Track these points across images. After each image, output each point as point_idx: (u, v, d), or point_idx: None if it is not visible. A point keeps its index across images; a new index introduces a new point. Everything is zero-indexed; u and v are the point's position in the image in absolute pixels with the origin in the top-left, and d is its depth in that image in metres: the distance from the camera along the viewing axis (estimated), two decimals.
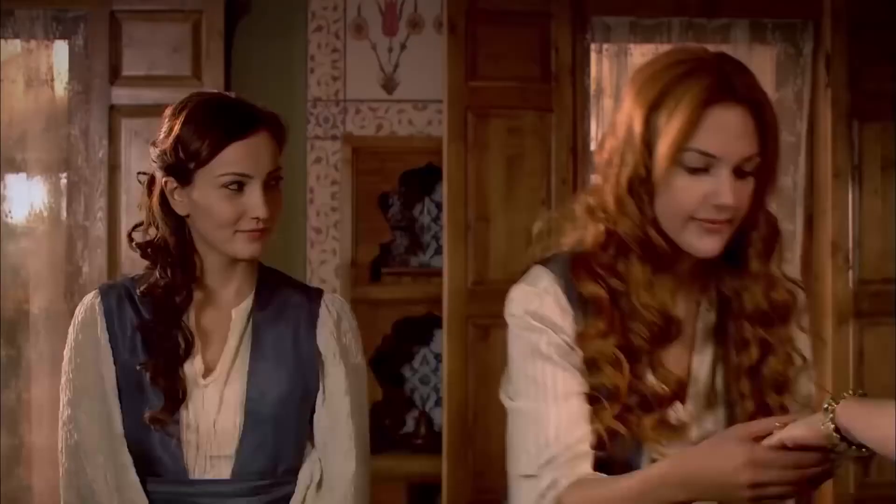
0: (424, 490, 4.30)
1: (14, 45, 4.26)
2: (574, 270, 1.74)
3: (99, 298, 2.05)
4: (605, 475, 1.68)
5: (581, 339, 1.72)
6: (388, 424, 4.53)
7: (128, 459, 1.99)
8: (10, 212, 4.30)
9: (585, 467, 1.69)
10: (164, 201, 2.02)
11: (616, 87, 4.33)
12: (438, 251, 4.50)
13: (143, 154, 4.13)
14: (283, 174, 2.02)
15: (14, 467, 4.22)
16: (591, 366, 1.71)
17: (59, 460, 2.03)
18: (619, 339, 1.70)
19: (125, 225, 4.17)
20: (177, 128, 1.96)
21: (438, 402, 4.51)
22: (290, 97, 4.41)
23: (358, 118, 4.47)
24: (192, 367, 2.01)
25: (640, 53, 4.38)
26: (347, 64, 4.47)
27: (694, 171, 1.65)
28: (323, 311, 2.09)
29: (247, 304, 2.07)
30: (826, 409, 1.48)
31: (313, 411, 2.08)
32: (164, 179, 2.00)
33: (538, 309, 1.74)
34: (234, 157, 1.95)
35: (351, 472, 2.06)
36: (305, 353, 2.06)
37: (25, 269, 4.26)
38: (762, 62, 4.41)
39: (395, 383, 4.56)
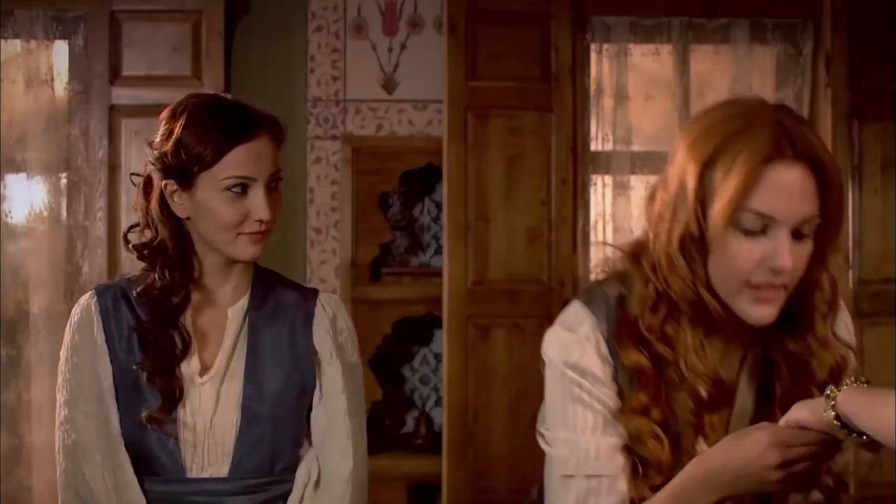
0: (424, 490, 4.30)
1: (14, 45, 4.26)
2: (617, 336, 1.67)
3: (95, 299, 2.05)
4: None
5: (622, 412, 1.67)
6: (388, 424, 4.53)
7: (125, 459, 2.00)
8: (10, 212, 4.30)
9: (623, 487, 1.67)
10: (163, 203, 2.01)
11: (616, 87, 4.34)
12: (438, 251, 4.50)
13: (142, 154, 4.13)
14: (283, 175, 2.03)
15: (14, 467, 4.21)
16: (633, 437, 1.67)
17: (56, 461, 2.03)
18: (662, 412, 1.64)
19: (125, 225, 4.10)
20: (177, 131, 1.96)
21: (438, 402, 4.51)
22: (290, 97, 4.41)
23: (358, 118, 4.47)
24: (189, 367, 2.02)
25: (640, 53, 4.38)
26: (347, 64, 4.47)
27: (750, 232, 1.57)
28: (319, 310, 2.10)
29: (243, 303, 2.07)
30: (828, 396, 1.48)
31: (310, 410, 2.08)
32: (164, 182, 2.00)
33: (578, 361, 1.69)
34: (237, 161, 1.95)
35: (348, 470, 2.06)
36: (302, 352, 2.07)
37: (25, 269, 4.26)
38: (762, 62, 4.41)
39: (395, 383, 4.56)
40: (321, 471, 2.07)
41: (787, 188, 1.56)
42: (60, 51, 4.29)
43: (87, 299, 2.06)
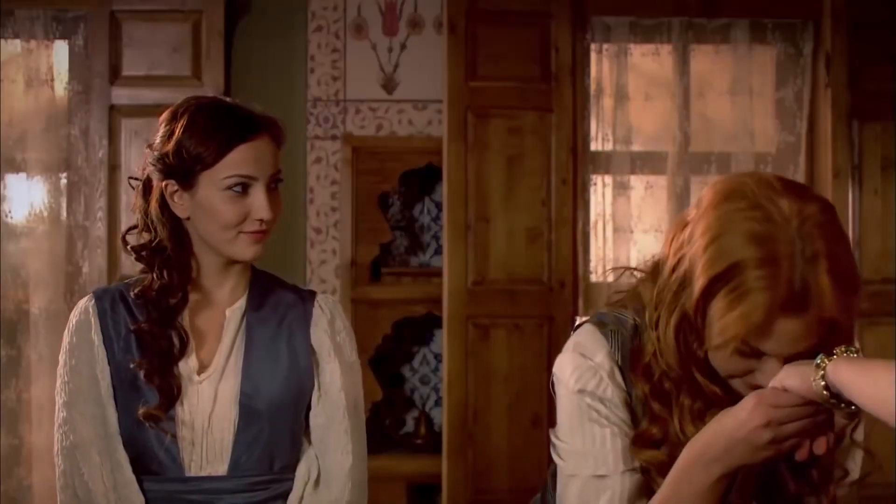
0: (424, 490, 4.30)
1: (14, 45, 4.27)
2: (633, 368, 1.69)
3: (93, 302, 2.06)
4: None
5: (634, 443, 1.68)
6: (388, 424, 4.53)
7: (124, 458, 2.00)
8: (10, 212, 4.30)
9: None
10: (162, 204, 2.02)
11: (616, 87, 4.34)
12: (438, 251, 4.50)
13: (142, 154, 4.13)
14: (283, 176, 2.05)
15: (14, 467, 4.22)
16: (643, 469, 1.69)
17: (54, 462, 2.04)
18: (672, 448, 1.66)
19: (125, 225, 4.11)
20: (178, 131, 1.98)
21: (438, 402, 4.51)
22: (290, 97, 4.41)
23: (358, 118, 4.47)
24: (187, 365, 2.02)
25: (640, 53, 4.38)
26: (347, 64, 4.47)
27: (743, 354, 1.57)
28: (316, 310, 2.11)
29: (241, 303, 2.08)
30: (818, 366, 1.49)
31: (309, 409, 2.09)
32: (164, 182, 2.01)
33: (594, 390, 1.70)
34: (238, 160, 1.97)
35: (347, 468, 2.07)
36: (300, 351, 2.07)
37: (25, 269, 4.26)
38: (762, 62, 4.41)
39: (395, 383, 4.56)
40: (320, 469, 2.08)
41: (790, 336, 1.54)
42: (60, 51, 4.30)
43: (84, 302, 2.08)
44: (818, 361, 1.49)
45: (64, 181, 4.28)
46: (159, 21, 4.24)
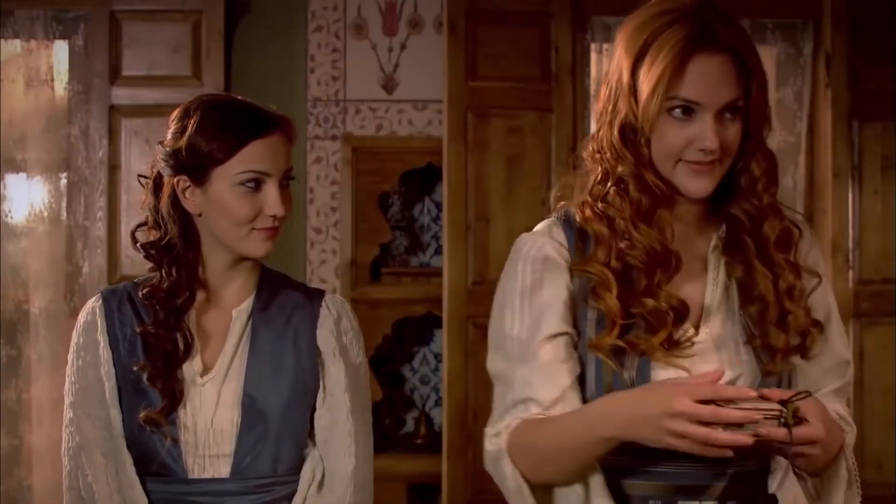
0: (424, 490, 4.30)
1: (14, 45, 4.27)
2: (581, 211, 1.81)
3: (101, 302, 2.06)
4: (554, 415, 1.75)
5: (580, 265, 1.78)
6: (388, 424, 4.53)
7: (128, 460, 2.00)
8: (10, 212, 4.30)
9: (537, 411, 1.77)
10: (174, 201, 2.02)
11: None
12: (438, 251, 4.51)
13: (143, 154, 4.14)
14: (294, 174, 2.05)
15: (14, 467, 4.22)
16: (593, 293, 1.76)
17: (62, 462, 2.05)
18: (618, 266, 1.76)
19: (125, 225, 4.18)
20: (191, 127, 1.98)
21: (438, 402, 4.51)
22: (290, 97, 4.41)
23: (358, 118, 4.47)
24: (191, 367, 2.02)
25: None
26: (347, 64, 4.47)
27: (678, 117, 1.72)
28: (324, 310, 2.10)
29: (247, 304, 2.07)
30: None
31: (314, 410, 2.08)
32: (175, 179, 2.01)
33: (539, 249, 1.82)
34: (252, 155, 1.97)
35: (350, 470, 2.06)
36: (305, 352, 2.07)
37: (25, 269, 4.26)
38: (762, 62, 4.41)
39: (395, 383, 4.56)
40: (324, 471, 2.07)
41: (709, 76, 1.70)
42: (60, 51, 4.30)
43: (92, 303, 2.07)
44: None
45: (64, 181, 4.28)
46: (159, 21, 4.24)
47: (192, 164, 1.98)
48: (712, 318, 1.79)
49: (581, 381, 1.78)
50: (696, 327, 1.77)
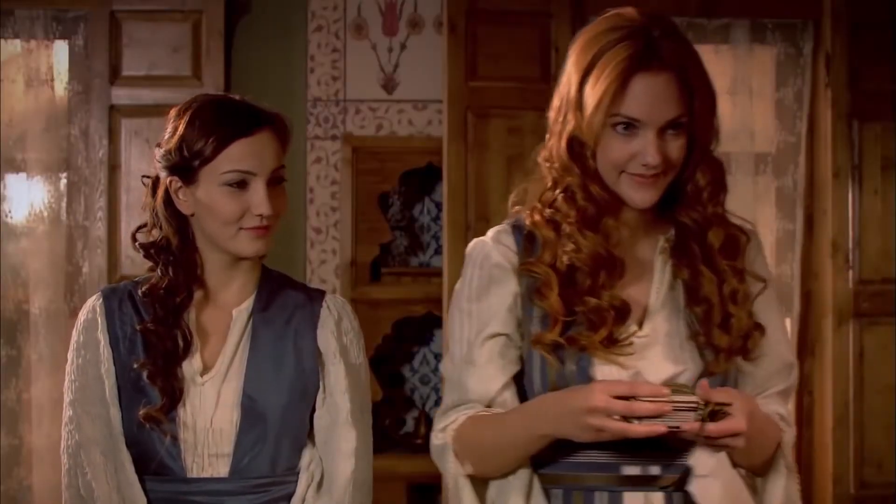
0: (424, 490, 4.30)
1: (14, 45, 4.26)
2: (531, 216, 1.89)
3: (101, 300, 2.07)
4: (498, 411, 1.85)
5: (527, 266, 1.86)
6: (388, 424, 4.53)
7: (127, 458, 2.00)
8: (10, 212, 4.30)
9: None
10: (168, 201, 2.03)
11: None
12: (438, 251, 4.51)
13: (143, 154, 4.14)
14: (285, 173, 2.04)
15: (14, 467, 4.22)
16: (537, 292, 1.84)
17: (61, 460, 2.05)
18: (563, 268, 1.83)
19: (125, 225, 4.18)
20: (181, 127, 1.99)
21: (438, 402, 4.51)
22: (290, 97, 4.41)
23: (358, 118, 4.47)
24: (191, 366, 2.03)
25: None
26: (347, 64, 4.47)
27: (622, 132, 1.77)
28: (324, 311, 2.10)
29: (248, 303, 2.08)
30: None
31: (314, 411, 2.08)
32: (168, 179, 2.02)
33: (486, 256, 1.90)
34: (237, 155, 1.97)
35: (349, 471, 2.06)
36: (306, 353, 2.07)
37: (25, 269, 4.26)
38: (762, 62, 4.41)
39: (395, 383, 4.56)
40: (324, 472, 2.07)
41: (651, 95, 1.75)
42: (60, 51, 4.30)
43: (93, 301, 2.08)
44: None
45: (64, 181, 4.28)
46: (159, 21, 4.24)
47: (182, 164, 1.98)
48: (656, 316, 1.86)
49: (528, 378, 1.87)
50: (641, 325, 1.85)
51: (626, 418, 1.67)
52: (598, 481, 1.83)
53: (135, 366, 2.00)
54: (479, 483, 1.87)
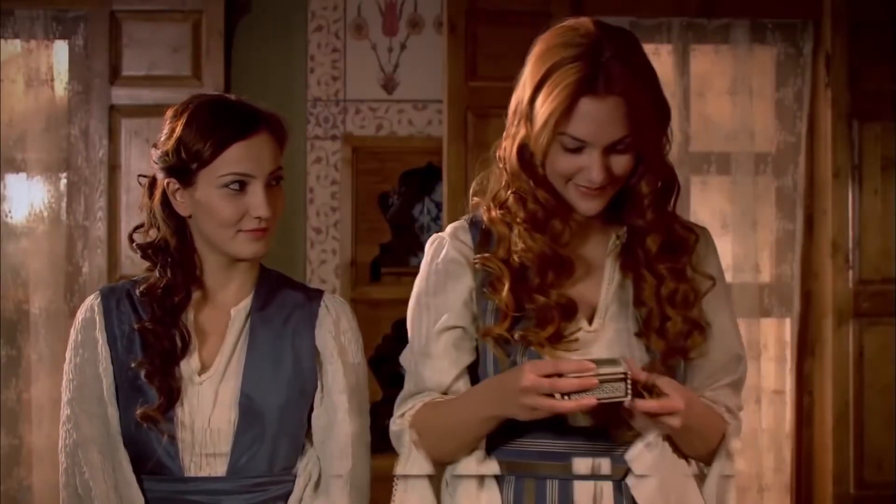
0: None
1: (14, 45, 4.27)
2: (487, 212, 1.94)
3: (99, 300, 2.06)
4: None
5: (481, 260, 1.91)
6: (388, 424, 4.52)
7: (124, 458, 2.01)
8: (10, 212, 4.30)
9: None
10: (165, 202, 2.03)
11: None
12: None
13: (143, 154, 4.14)
14: (283, 174, 2.04)
15: (14, 467, 4.22)
16: (490, 286, 1.90)
17: (59, 459, 2.05)
18: (516, 264, 1.89)
19: (125, 225, 4.18)
20: (178, 129, 1.98)
21: None
22: (290, 97, 4.41)
23: (358, 118, 4.47)
24: (189, 366, 2.02)
25: None
26: (347, 64, 4.47)
27: (569, 149, 1.82)
28: (322, 310, 2.10)
29: (246, 303, 2.08)
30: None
31: (311, 410, 2.08)
32: (165, 180, 2.01)
33: (443, 252, 1.96)
34: (235, 157, 1.96)
35: (346, 471, 2.06)
36: (303, 352, 2.07)
37: (25, 269, 4.26)
38: (762, 62, 4.41)
39: (395, 383, 4.54)
40: (322, 471, 2.07)
41: (595, 118, 1.79)
42: (60, 51, 4.30)
43: (91, 300, 2.08)
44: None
45: (64, 181, 4.28)
46: (159, 21, 4.24)
47: (180, 166, 1.98)
48: (605, 313, 1.92)
49: (482, 369, 1.94)
50: (591, 321, 1.91)
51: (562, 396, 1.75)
52: (549, 470, 1.89)
53: (132, 365, 2.00)
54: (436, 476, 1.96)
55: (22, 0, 4.19)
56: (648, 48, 4.32)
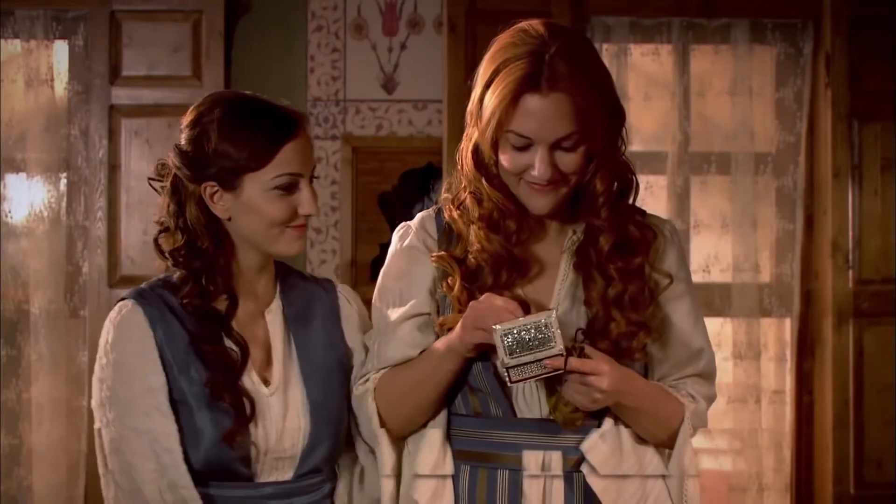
0: None
1: (14, 45, 4.27)
2: (448, 210, 1.99)
3: (140, 310, 1.98)
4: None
5: (437, 258, 1.96)
6: None
7: (184, 474, 1.93)
8: (10, 212, 4.30)
9: None
10: (201, 206, 1.98)
11: (616, 87, 4.33)
12: None
13: (143, 154, 4.14)
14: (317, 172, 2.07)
15: (14, 467, 4.22)
16: (445, 282, 1.96)
17: (102, 482, 1.98)
18: (472, 262, 1.93)
19: (125, 225, 4.19)
20: (214, 133, 1.94)
21: None
22: (290, 97, 4.34)
23: (358, 118, 4.47)
24: (250, 378, 2.00)
25: (640, 53, 4.38)
26: (347, 64, 4.47)
27: (515, 146, 1.85)
28: (343, 303, 2.14)
29: (276, 305, 2.07)
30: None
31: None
32: (203, 185, 1.97)
33: (409, 240, 2.02)
34: (287, 158, 1.95)
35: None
36: (339, 350, 2.10)
37: (25, 269, 4.26)
38: (762, 62, 4.41)
39: None
40: (364, 465, 2.10)
41: (539, 115, 1.82)
42: (60, 51, 4.30)
43: (129, 312, 1.98)
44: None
45: (64, 181, 4.28)
46: (159, 21, 4.25)
47: (221, 171, 1.95)
48: (559, 309, 1.94)
49: None
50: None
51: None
52: (501, 461, 1.93)
53: (195, 377, 1.94)
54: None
55: (22, 0, 4.19)
56: (648, 48, 4.37)
